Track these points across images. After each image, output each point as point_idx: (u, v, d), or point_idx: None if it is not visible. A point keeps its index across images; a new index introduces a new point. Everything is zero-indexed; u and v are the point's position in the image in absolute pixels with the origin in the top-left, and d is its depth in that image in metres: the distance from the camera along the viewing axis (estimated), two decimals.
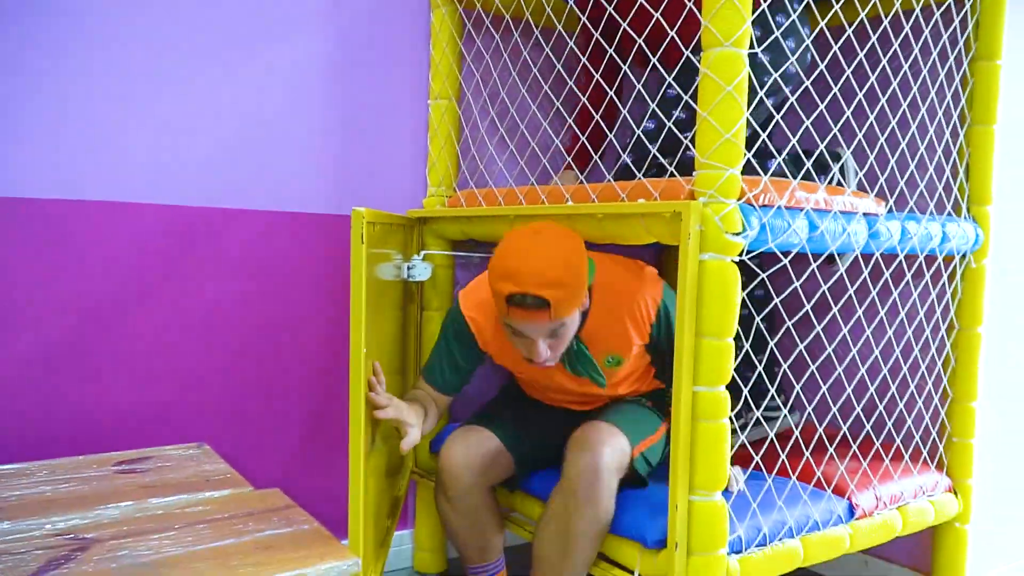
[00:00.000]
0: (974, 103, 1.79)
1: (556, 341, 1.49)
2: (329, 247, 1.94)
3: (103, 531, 1.17)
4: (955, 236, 1.73)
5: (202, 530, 1.19)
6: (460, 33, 2.01)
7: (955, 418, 1.85)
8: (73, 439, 1.67)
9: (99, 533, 1.16)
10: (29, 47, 1.59)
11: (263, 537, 1.17)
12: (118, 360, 1.72)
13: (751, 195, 1.35)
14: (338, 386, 1.98)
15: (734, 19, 1.28)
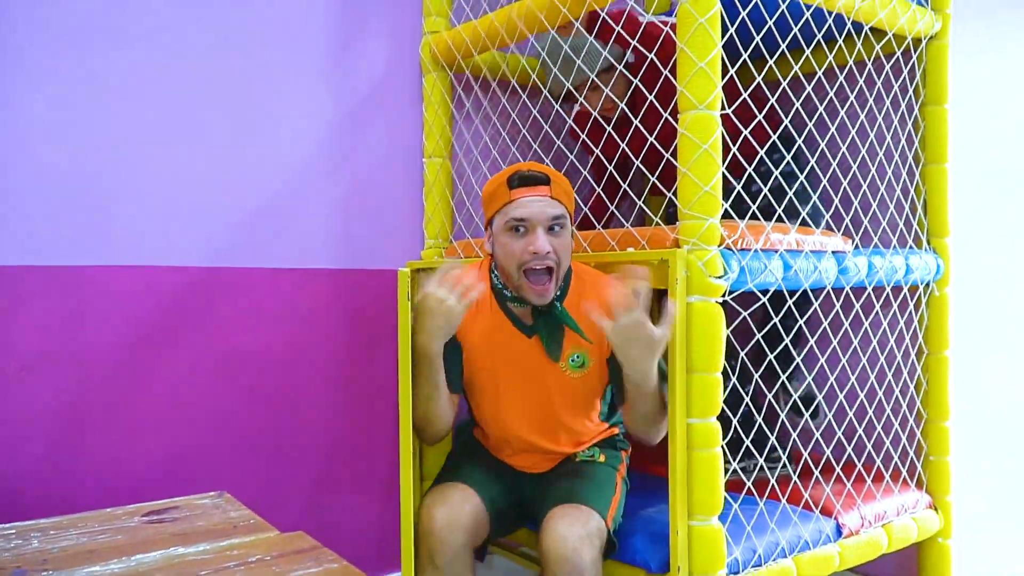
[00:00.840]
0: (927, 144, 1.95)
1: (555, 240, 1.48)
2: (334, 299, 2.04)
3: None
4: (918, 267, 1.87)
5: (237, 571, 1.27)
6: (451, 96, 2.15)
7: (930, 437, 1.96)
8: (98, 491, 1.75)
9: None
10: (35, 113, 1.70)
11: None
12: (138, 415, 1.80)
13: (730, 241, 1.48)
14: (348, 430, 2.07)
15: (706, 85, 1.42)
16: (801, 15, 1.71)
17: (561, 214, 1.50)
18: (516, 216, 1.49)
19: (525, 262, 1.49)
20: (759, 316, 1.84)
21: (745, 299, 1.75)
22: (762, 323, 1.87)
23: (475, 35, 1.94)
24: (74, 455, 1.74)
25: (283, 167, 1.98)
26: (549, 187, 1.49)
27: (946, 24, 1.91)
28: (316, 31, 2.02)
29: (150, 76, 1.80)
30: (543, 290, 1.51)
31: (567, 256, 1.53)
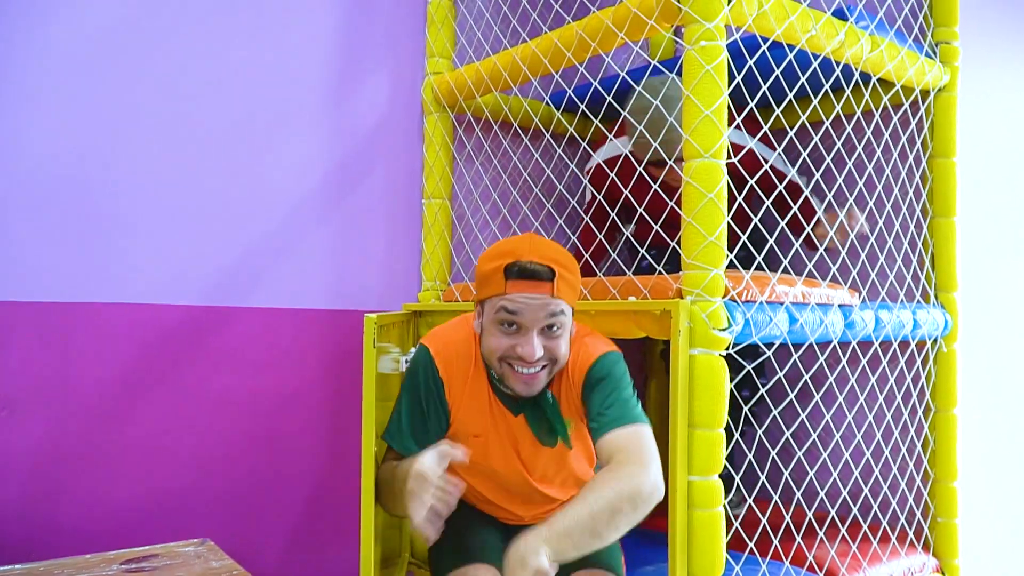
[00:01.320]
0: (934, 197, 1.91)
1: (550, 342, 1.33)
2: (329, 341, 2.00)
3: None
4: (925, 322, 1.83)
5: None
6: (451, 137, 2.13)
7: (938, 498, 1.90)
8: (77, 536, 1.69)
9: None
10: (26, 146, 1.67)
11: None
12: (122, 458, 1.75)
13: (734, 292, 1.44)
14: (336, 476, 2.01)
15: (712, 133, 1.39)
16: (809, 65, 1.70)
17: (560, 311, 1.33)
18: (509, 311, 1.32)
19: (509, 359, 1.35)
20: None
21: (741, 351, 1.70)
22: None
23: (477, 77, 1.92)
24: (53, 498, 1.68)
25: (280, 205, 1.95)
26: (552, 284, 1.31)
27: (954, 76, 1.90)
28: (317, 71, 2.00)
29: (146, 112, 1.78)
30: (530, 380, 1.36)
31: (564, 352, 1.37)
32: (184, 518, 1.82)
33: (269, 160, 1.93)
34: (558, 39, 1.69)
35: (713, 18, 1.39)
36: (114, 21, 1.74)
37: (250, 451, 1.90)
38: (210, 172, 1.86)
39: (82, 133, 1.71)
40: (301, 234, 1.97)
